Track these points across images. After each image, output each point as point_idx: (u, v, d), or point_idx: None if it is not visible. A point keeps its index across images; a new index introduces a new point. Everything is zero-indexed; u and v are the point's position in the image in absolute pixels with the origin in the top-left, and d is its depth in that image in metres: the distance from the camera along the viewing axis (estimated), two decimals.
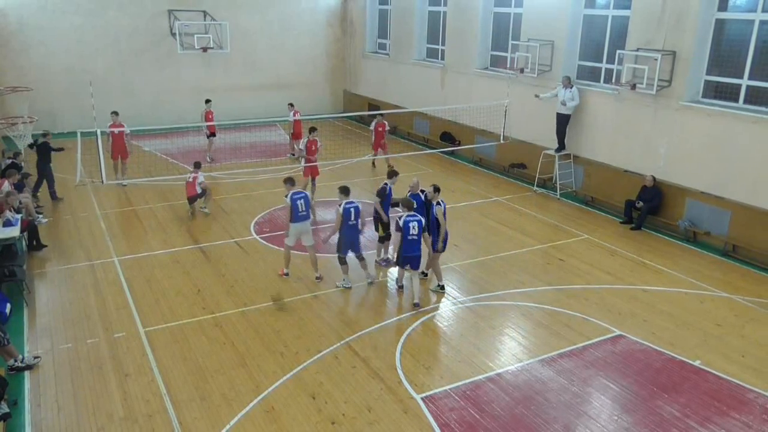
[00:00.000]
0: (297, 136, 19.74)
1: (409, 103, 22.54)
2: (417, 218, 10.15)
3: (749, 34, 12.90)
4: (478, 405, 7.95)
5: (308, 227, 11.32)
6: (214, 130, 19.29)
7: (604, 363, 8.96)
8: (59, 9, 21.96)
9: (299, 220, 11.09)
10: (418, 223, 10.11)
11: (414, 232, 10.06)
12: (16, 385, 8.20)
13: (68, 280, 11.32)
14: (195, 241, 13.10)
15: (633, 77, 14.49)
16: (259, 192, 16.44)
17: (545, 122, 17.05)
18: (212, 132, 19.25)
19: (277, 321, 9.91)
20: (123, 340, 9.31)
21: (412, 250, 10.19)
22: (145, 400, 7.95)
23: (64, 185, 16.39)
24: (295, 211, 11.00)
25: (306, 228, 11.25)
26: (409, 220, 10.10)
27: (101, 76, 22.46)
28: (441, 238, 10.68)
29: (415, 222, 10.09)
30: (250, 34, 25.12)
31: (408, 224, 10.06)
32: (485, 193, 16.88)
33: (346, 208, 10.56)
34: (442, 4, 21.83)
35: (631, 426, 7.62)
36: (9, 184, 12.71)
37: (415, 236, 10.09)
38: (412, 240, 10.11)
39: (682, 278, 11.76)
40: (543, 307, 10.58)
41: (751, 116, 12.68)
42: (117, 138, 16.46)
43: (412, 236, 10.08)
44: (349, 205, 10.61)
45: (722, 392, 8.35)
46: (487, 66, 20.16)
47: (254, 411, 7.77)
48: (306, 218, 11.19)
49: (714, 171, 13.38)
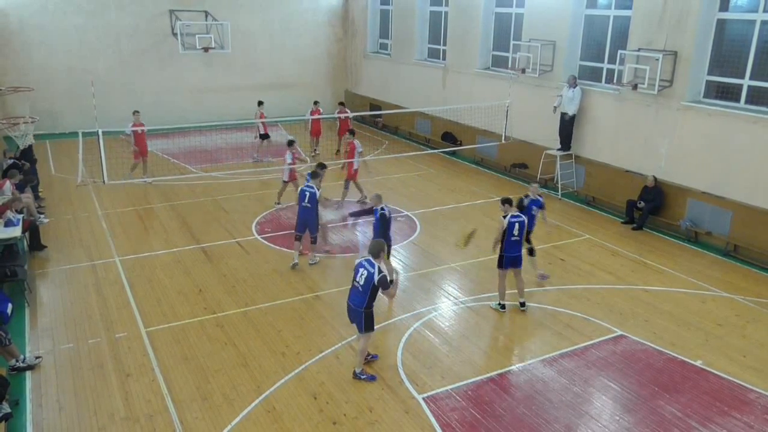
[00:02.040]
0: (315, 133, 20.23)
1: (410, 103, 22.55)
2: (521, 219, 10.03)
3: (750, 34, 12.89)
4: (479, 405, 7.95)
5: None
6: (267, 131, 19.51)
7: (605, 363, 8.95)
8: (60, 9, 21.97)
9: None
10: (521, 224, 10.04)
11: (516, 233, 9.98)
12: (18, 385, 8.20)
13: (70, 280, 11.33)
14: (196, 241, 13.10)
15: (634, 77, 14.49)
16: (260, 192, 16.45)
17: (547, 122, 17.05)
18: (265, 133, 19.46)
19: (278, 321, 9.92)
20: (124, 340, 9.32)
21: (514, 250, 10.12)
22: (146, 400, 7.95)
23: (65, 185, 16.43)
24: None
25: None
26: (513, 220, 10.01)
27: (102, 76, 22.47)
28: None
29: (517, 223, 10.01)
30: (252, 34, 25.13)
31: (512, 225, 9.99)
32: (486, 193, 16.87)
33: (511, 222, 10.09)
34: (443, 4, 21.84)
35: (632, 426, 7.62)
36: (11, 184, 12.71)
37: (517, 237, 10.02)
38: (515, 241, 10.05)
39: (684, 278, 11.76)
40: (544, 307, 10.58)
41: (753, 116, 12.67)
42: (140, 137, 16.56)
43: (514, 237, 10.02)
44: (514, 219, 10.11)
45: (723, 392, 8.34)
46: (488, 66, 20.16)
47: (256, 411, 7.77)
48: None
49: (715, 171, 13.37)
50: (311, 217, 11.71)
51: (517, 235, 9.98)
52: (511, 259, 10.14)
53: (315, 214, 11.71)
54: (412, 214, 14.95)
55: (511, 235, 9.97)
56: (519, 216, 10.06)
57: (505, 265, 10.19)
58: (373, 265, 8.10)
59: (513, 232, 9.96)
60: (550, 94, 16.94)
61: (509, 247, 10.04)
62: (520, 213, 10.17)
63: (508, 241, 10.00)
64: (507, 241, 10.01)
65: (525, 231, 10.08)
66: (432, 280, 11.52)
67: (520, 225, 9.99)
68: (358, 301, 8.27)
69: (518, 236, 10.01)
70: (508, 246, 10.04)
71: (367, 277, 8.10)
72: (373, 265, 8.10)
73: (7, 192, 12.34)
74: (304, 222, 11.74)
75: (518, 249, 10.12)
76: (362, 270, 8.18)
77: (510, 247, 10.04)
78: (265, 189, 16.67)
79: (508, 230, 9.95)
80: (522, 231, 10.02)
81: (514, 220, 9.99)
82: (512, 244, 10.04)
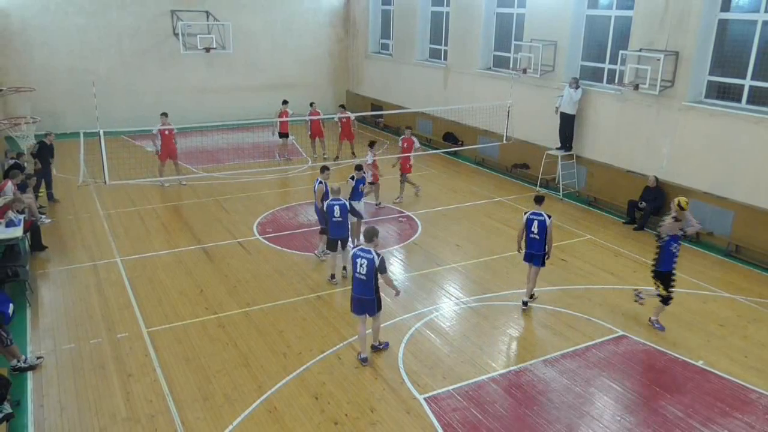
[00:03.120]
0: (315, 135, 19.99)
1: (411, 104, 22.56)
2: (541, 217, 10.12)
3: (752, 34, 12.88)
4: (480, 405, 7.95)
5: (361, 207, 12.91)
6: (286, 130, 19.45)
7: (607, 363, 8.95)
8: (62, 9, 22.01)
9: (356, 198, 12.69)
10: (540, 222, 10.10)
11: (535, 230, 10.12)
12: (19, 385, 8.21)
13: (71, 280, 11.34)
14: (198, 242, 13.11)
15: (636, 77, 14.48)
16: (261, 192, 16.46)
17: (548, 122, 17.05)
18: (284, 132, 19.42)
19: (280, 321, 9.92)
20: (126, 341, 9.33)
21: (530, 247, 10.30)
22: (147, 401, 7.96)
23: (66, 186, 16.45)
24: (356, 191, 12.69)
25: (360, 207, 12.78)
26: (532, 218, 10.16)
27: (104, 76, 22.52)
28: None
29: (536, 220, 10.13)
30: (253, 34, 25.16)
31: (531, 222, 10.16)
32: (488, 193, 16.87)
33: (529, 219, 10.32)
34: (444, 5, 21.84)
35: (633, 426, 7.61)
36: (12, 185, 12.72)
37: (536, 235, 10.14)
38: (533, 239, 10.19)
39: (685, 279, 11.74)
40: (546, 307, 10.58)
41: (754, 116, 12.66)
42: (167, 139, 16.55)
43: (533, 234, 10.17)
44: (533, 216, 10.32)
45: (725, 393, 8.33)
46: (490, 66, 20.15)
47: (257, 411, 7.78)
48: (360, 197, 12.86)
49: (717, 171, 13.36)
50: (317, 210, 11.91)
51: (536, 233, 10.13)
52: (528, 254, 10.36)
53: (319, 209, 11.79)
54: (413, 215, 14.95)
55: (529, 232, 10.20)
56: (540, 214, 10.16)
57: (525, 258, 10.43)
58: (370, 252, 8.39)
59: (531, 229, 10.15)
60: (551, 95, 16.94)
61: (528, 243, 10.32)
62: (541, 212, 10.26)
63: (527, 237, 10.30)
64: (526, 237, 10.31)
65: (545, 231, 10.16)
66: (433, 280, 11.51)
67: (539, 223, 10.11)
68: (366, 291, 8.58)
69: (537, 234, 10.13)
70: (527, 242, 10.34)
71: (368, 265, 8.37)
72: (370, 252, 8.39)
73: (8, 193, 12.34)
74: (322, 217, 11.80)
75: (536, 247, 10.22)
76: (360, 260, 8.41)
77: (529, 243, 10.30)
78: (266, 189, 16.69)
79: (526, 227, 10.21)
80: (541, 230, 10.10)
81: (533, 217, 10.15)
82: (530, 241, 10.26)
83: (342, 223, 11.02)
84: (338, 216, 10.92)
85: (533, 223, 10.12)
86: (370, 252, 8.37)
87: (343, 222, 11.01)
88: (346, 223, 11.12)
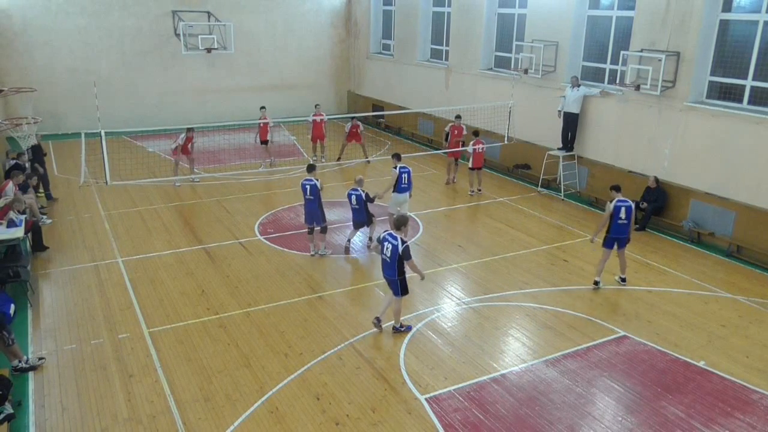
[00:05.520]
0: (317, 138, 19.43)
1: (413, 104, 22.57)
2: (627, 203, 10.85)
3: (753, 34, 12.87)
4: (482, 406, 7.94)
5: (407, 198, 13.09)
6: (264, 138, 18.67)
7: (608, 364, 8.94)
8: (63, 10, 22.03)
9: (401, 191, 12.89)
10: (627, 208, 10.79)
11: (623, 216, 10.80)
12: (21, 386, 8.22)
13: (72, 280, 11.35)
14: (199, 242, 13.12)
15: (637, 78, 14.47)
16: (263, 193, 16.46)
17: (549, 123, 17.04)
18: (264, 140, 18.68)
19: (281, 322, 9.92)
20: (127, 341, 9.33)
21: (621, 232, 10.95)
22: (149, 401, 7.96)
23: (68, 186, 16.46)
24: (399, 182, 12.81)
25: (405, 198, 13.01)
26: (619, 205, 10.82)
27: (105, 77, 22.56)
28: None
29: (624, 207, 10.79)
30: (254, 35, 25.17)
31: (619, 208, 10.80)
32: (489, 193, 16.86)
33: (617, 206, 10.99)
34: (446, 5, 21.84)
35: (635, 427, 7.60)
36: (13, 185, 12.73)
37: (624, 220, 10.82)
38: (622, 224, 10.86)
39: (686, 279, 11.73)
40: (547, 307, 10.57)
41: (756, 117, 12.65)
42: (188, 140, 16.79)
43: (621, 220, 10.84)
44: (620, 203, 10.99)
45: (726, 393, 8.32)
46: (491, 67, 20.15)
47: (258, 412, 7.78)
48: (407, 190, 12.95)
49: (718, 172, 13.35)
50: (314, 209, 12.13)
51: (624, 218, 10.83)
52: (612, 240, 11.00)
53: (318, 206, 12.09)
54: (414, 215, 14.94)
55: (618, 219, 10.84)
56: (626, 201, 10.90)
57: (610, 244, 11.03)
58: (396, 238, 9.12)
59: (620, 215, 10.82)
60: (553, 95, 16.94)
61: (616, 229, 10.92)
62: (626, 199, 10.97)
63: (614, 223, 10.90)
64: (614, 224, 10.91)
65: (632, 215, 10.93)
66: (434, 280, 11.50)
67: (627, 209, 10.81)
68: (390, 273, 9.32)
69: (625, 219, 10.85)
70: (615, 228, 10.92)
71: (392, 250, 9.11)
72: (396, 238, 9.12)
73: (9, 194, 12.35)
74: (309, 215, 12.22)
75: (625, 231, 10.95)
76: (387, 244, 9.21)
77: (617, 229, 10.91)
78: (267, 190, 16.69)
79: (615, 213, 10.85)
80: (629, 214, 10.83)
81: (620, 204, 10.84)
82: (618, 227, 10.90)
83: (359, 210, 12.25)
84: (355, 204, 12.18)
85: (620, 209, 10.79)
86: (396, 238, 9.10)
87: (359, 209, 12.23)
88: (362, 210, 12.25)
